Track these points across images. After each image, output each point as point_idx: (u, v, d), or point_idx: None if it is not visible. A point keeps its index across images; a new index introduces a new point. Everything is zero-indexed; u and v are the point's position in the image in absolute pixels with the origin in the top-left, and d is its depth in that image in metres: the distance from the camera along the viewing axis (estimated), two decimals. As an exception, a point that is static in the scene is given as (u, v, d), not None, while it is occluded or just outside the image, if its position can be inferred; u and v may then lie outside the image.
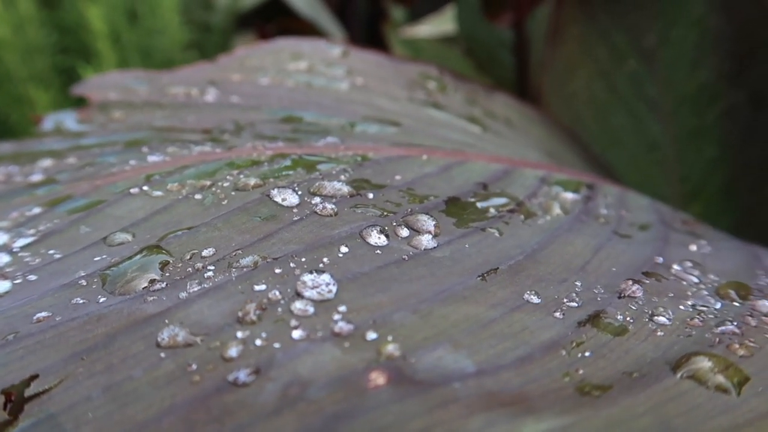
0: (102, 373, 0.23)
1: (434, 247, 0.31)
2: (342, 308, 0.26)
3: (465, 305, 0.27)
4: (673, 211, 0.48)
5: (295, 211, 0.33)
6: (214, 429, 0.21)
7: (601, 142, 0.73)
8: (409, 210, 0.34)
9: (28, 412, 0.22)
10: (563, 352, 0.25)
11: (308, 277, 0.27)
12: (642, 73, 0.71)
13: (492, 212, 0.36)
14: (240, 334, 0.24)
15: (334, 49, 0.61)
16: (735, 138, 0.67)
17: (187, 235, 0.31)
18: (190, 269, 0.28)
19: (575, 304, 0.28)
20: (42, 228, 0.32)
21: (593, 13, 0.73)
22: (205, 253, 0.29)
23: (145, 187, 0.35)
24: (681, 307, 0.29)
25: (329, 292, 0.26)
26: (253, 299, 0.26)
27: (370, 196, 0.35)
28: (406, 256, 0.30)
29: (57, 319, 0.25)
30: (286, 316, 0.25)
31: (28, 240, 0.31)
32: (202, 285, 0.27)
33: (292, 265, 0.28)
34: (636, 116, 0.71)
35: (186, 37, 1.01)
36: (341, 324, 0.25)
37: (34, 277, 0.28)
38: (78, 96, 0.52)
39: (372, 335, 0.24)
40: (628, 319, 0.28)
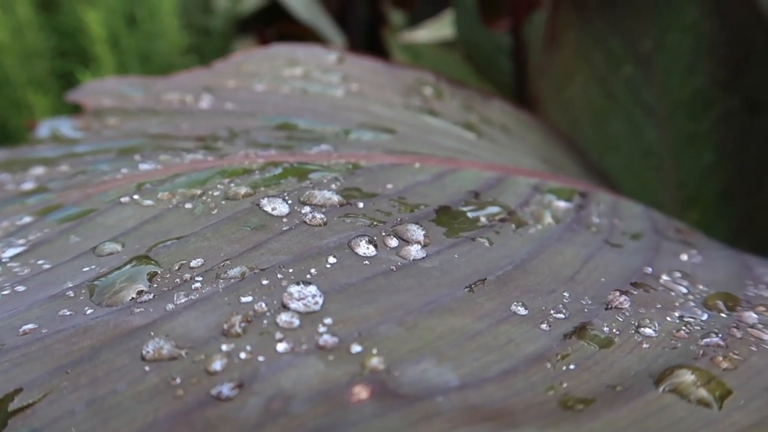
0: (86, 387, 0.23)
1: (423, 258, 0.31)
2: (327, 320, 0.26)
3: (451, 317, 0.27)
4: (667, 219, 0.48)
5: (284, 220, 0.33)
6: (196, 443, 0.21)
7: (598, 147, 0.73)
8: (399, 219, 0.34)
9: (12, 427, 0.22)
10: (548, 365, 0.25)
11: (295, 289, 0.27)
12: (638, 78, 0.71)
13: (483, 221, 0.36)
14: (225, 347, 0.24)
15: (330, 55, 0.61)
16: (731, 143, 0.67)
17: (176, 245, 0.31)
18: (178, 280, 0.28)
19: (562, 316, 0.28)
20: (32, 237, 0.32)
21: (589, 18, 0.73)
22: (193, 263, 0.29)
23: (136, 196, 0.35)
24: (668, 319, 0.29)
25: (315, 303, 0.26)
26: (239, 311, 0.26)
27: (361, 205, 0.35)
28: (394, 267, 0.30)
29: (43, 331, 0.25)
30: (271, 328, 0.25)
31: (18, 250, 0.32)
32: (189, 296, 0.27)
33: (279, 276, 0.28)
34: (632, 122, 0.72)
35: (185, 41, 1.01)
36: (326, 337, 0.25)
37: (23, 288, 0.29)
38: (75, 102, 0.52)
39: (357, 348, 0.24)
40: (614, 330, 0.28)
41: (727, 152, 0.68)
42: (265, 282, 0.28)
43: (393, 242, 0.32)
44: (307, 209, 0.34)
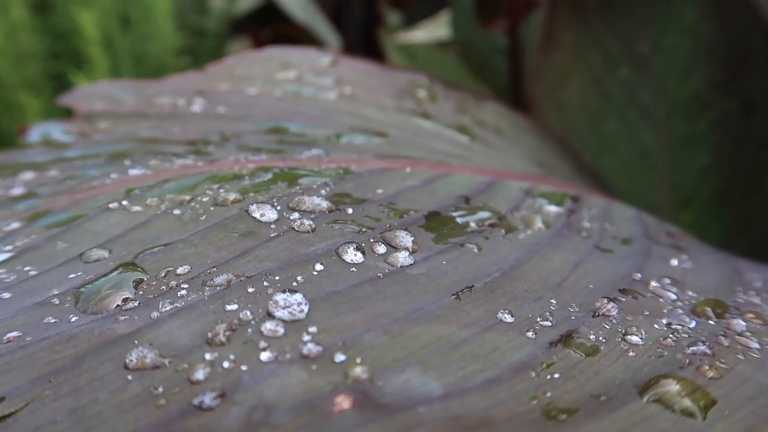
0: (68, 396, 0.23)
1: (411, 264, 0.31)
2: (312, 329, 0.26)
3: (437, 325, 0.27)
4: (659, 222, 0.48)
5: (272, 227, 0.33)
6: (177, 454, 0.21)
7: (593, 149, 0.73)
8: (388, 226, 0.34)
9: (-8, 437, 0.22)
10: (533, 374, 0.25)
11: (280, 297, 0.27)
12: (635, 79, 0.71)
13: (472, 227, 0.36)
14: (208, 356, 0.24)
15: (324, 57, 0.61)
16: (727, 146, 0.67)
17: (164, 251, 0.31)
18: (164, 287, 0.28)
19: (549, 324, 0.28)
20: (19, 244, 0.32)
21: (587, 19, 0.73)
22: (180, 270, 0.29)
23: (125, 202, 0.35)
24: (655, 326, 0.29)
25: (301, 312, 0.26)
26: (224, 319, 0.26)
27: (350, 211, 0.35)
28: (381, 274, 0.30)
29: (27, 339, 0.25)
30: (255, 337, 0.25)
31: (5, 256, 0.31)
32: (174, 304, 0.27)
33: (265, 283, 0.28)
34: (628, 123, 0.71)
35: (180, 42, 1.01)
36: (310, 345, 0.25)
37: (8, 295, 0.28)
38: (66, 105, 0.52)
39: (340, 357, 0.24)
40: (600, 338, 0.27)
41: (723, 154, 0.68)
42: (251, 290, 0.28)
43: (381, 249, 0.32)
44: (296, 215, 0.34)
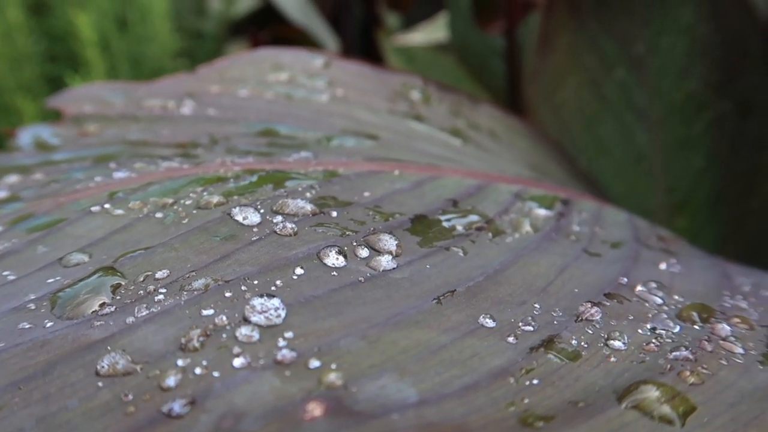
0: (38, 403, 0.23)
1: (393, 268, 0.31)
2: (288, 334, 0.25)
3: (417, 330, 0.27)
4: (651, 226, 0.47)
5: (255, 230, 0.32)
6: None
7: (588, 151, 0.72)
8: (372, 229, 0.34)
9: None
10: (511, 380, 0.25)
11: (258, 302, 0.27)
12: (631, 81, 0.70)
13: (459, 230, 0.36)
14: (181, 362, 0.24)
15: (316, 59, 0.61)
16: (723, 148, 0.67)
17: (143, 256, 0.30)
18: (141, 292, 0.28)
19: (531, 328, 0.28)
20: (0, 248, 0.32)
21: (583, 20, 0.72)
22: (159, 275, 0.29)
23: (107, 205, 0.35)
24: (639, 331, 0.28)
25: (278, 317, 0.26)
26: (199, 325, 0.25)
27: (334, 214, 0.35)
28: (362, 278, 0.30)
29: (0, 345, 0.25)
30: (230, 342, 0.25)
31: (-16, 260, 0.31)
32: (150, 309, 0.27)
33: (243, 288, 0.28)
34: (624, 125, 0.71)
35: (177, 44, 1.00)
36: (285, 351, 0.24)
37: (-15, 300, 0.28)
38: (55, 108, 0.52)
39: (315, 363, 0.24)
40: (582, 343, 0.27)
41: (718, 157, 0.67)
42: (228, 294, 0.27)
43: (364, 252, 0.31)
44: (279, 218, 0.33)
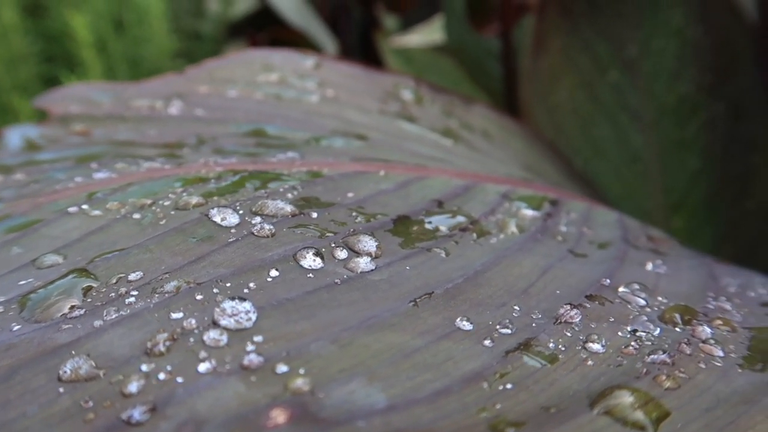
0: (-3, 409, 0.22)
1: (372, 270, 0.30)
2: (258, 338, 0.25)
3: (391, 333, 0.26)
4: (642, 226, 0.47)
5: (233, 231, 0.32)
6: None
7: (583, 153, 0.72)
8: (352, 230, 0.33)
9: None
10: (485, 385, 0.24)
11: (228, 305, 0.26)
12: (624, 83, 0.70)
13: (443, 231, 0.35)
14: (144, 367, 0.23)
15: (307, 60, 0.60)
16: (716, 149, 0.66)
17: (117, 257, 0.30)
18: (113, 294, 0.27)
19: (508, 331, 0.27)
20: (-26, 249, 0.32)
21: (576, 22, 0.72)
22: (132, 276, 0.29)
23: (85, 206, 0.34)
24: (619, 333, 0.28)
25: (248, 320, 0.26)
26: (167, 328, 0.25)
27: (314, 215, 0.34)
28: (339, 280, 0.29)
29: (-35, 348, 0.25)
30: (196, 347, 0.24)
31: (-43, 262, 0.31)
32: (120, 312, 0.26)
33: (215, 290, 0.27)
34: (619, 127, 0.71)
35: (175, 45, 1.00)
36: (252, 356, 0.24)
37: (-46, 303, 0.28)
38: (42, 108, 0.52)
39: (282, 368, 0.23)
40: (560, 347, 0.27)
41: (712, 158, 0.67)
42: (199, 297, 0.27)
43: (342, 254, 0.31)
44: (257, 220, 0.33)
